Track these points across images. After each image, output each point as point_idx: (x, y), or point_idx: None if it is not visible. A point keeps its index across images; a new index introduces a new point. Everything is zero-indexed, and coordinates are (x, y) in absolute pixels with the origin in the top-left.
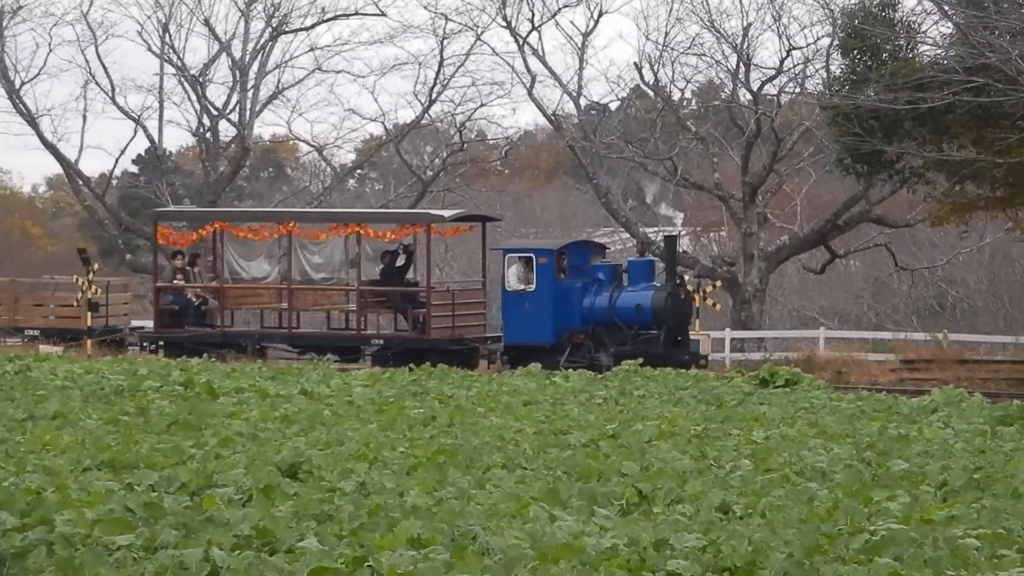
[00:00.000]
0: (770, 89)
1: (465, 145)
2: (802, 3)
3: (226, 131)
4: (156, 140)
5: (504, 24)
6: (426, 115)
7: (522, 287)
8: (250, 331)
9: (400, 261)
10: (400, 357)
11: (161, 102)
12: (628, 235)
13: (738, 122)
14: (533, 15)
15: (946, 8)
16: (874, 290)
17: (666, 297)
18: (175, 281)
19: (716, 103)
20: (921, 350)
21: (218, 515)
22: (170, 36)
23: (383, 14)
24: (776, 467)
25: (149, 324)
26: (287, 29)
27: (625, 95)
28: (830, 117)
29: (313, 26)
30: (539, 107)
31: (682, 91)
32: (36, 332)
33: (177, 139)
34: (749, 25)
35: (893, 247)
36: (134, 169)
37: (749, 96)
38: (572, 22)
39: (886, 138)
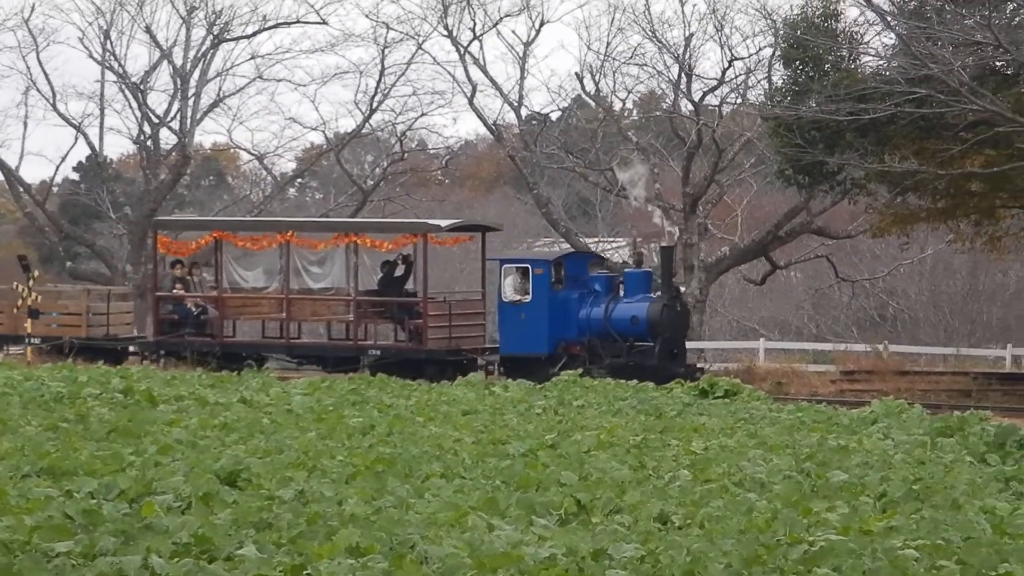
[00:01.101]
0: (712, 99)
1: (406, 154)
2: (744, 14)
3: (167, 139)
4: (97, 147)
5: (445, 33)
6: (367, 124)
7: (518, 298)
8: (248, 341)
9: (399, 271)
10: (397, 368)
11: (102, 109)
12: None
13: (679, 132)
14: (475, 24)
15: (889, 19)
16: (815, 301)
17: (662, 309)
18: (175, 290)
19: (657, 113)
20: (861, 361)
21: (157, 522)
22: (111, 43)
23: (324, 23)
24: (715, 477)
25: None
26: (228, 37)
27: (566, 105)
28: (771, 128)
29: (254, 34)
30: (480, 117)
31: (623, 101)
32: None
33: (118, 147)
34: (691, 35)
35: (834, 258)
36: (75, 176)
37: (690, 106)
38: (513, 31)
39: (827, 149)
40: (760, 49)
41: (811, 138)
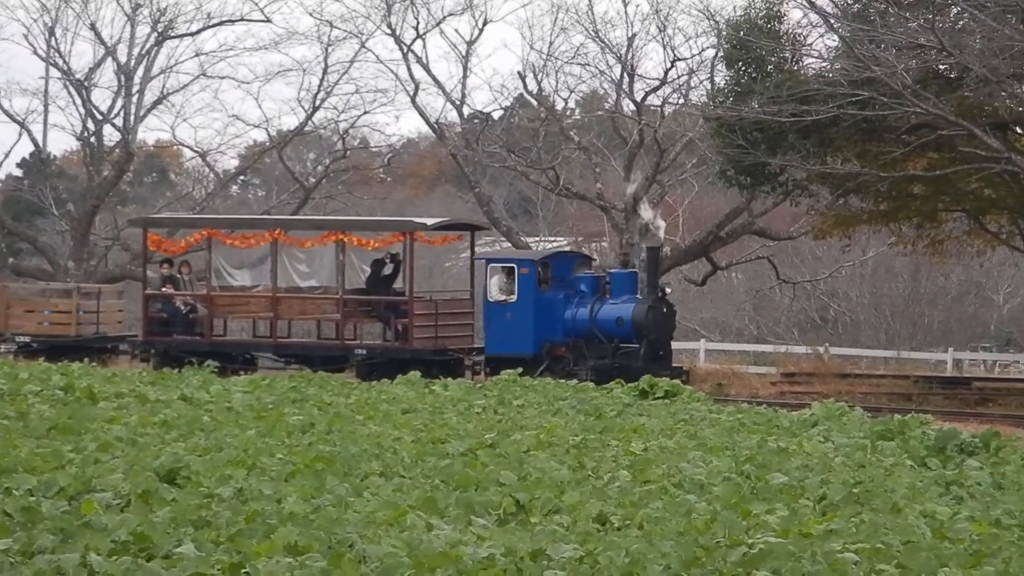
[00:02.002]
0: (654, 100)
1: (348, 152)
2: (687, 14)
3: (110, 135)
4: (40, 144)
5: (389, 32)
6: (309, 122)
7: (504, 298)
8: (237, 340)
9: (387, 270)
10: (384, 367)
11: (46, 106)
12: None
13: (621, 132)
14: (418, 23)
15: (832, 21)
16: (756, 303)
17: (647, 310)
18: (164, 289)
19: (599, 113)
20: (802, 363)
21: (96, 520)
22: (56, 40)
23: (268, 20)
24: (655, 479)
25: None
26: (172, 34)
27: (508, 104)
28: (714, 128)
29: (198, 32)
30: (422, 115)
31: (565, 101)
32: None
33: (62, 143)
34: (634, 36)
35: (775, 260)
36: (18, 172)
37: (632, 106)
38: (457, 31)
39: (770, 150)
40: (703, 50)
41: (753, 139)
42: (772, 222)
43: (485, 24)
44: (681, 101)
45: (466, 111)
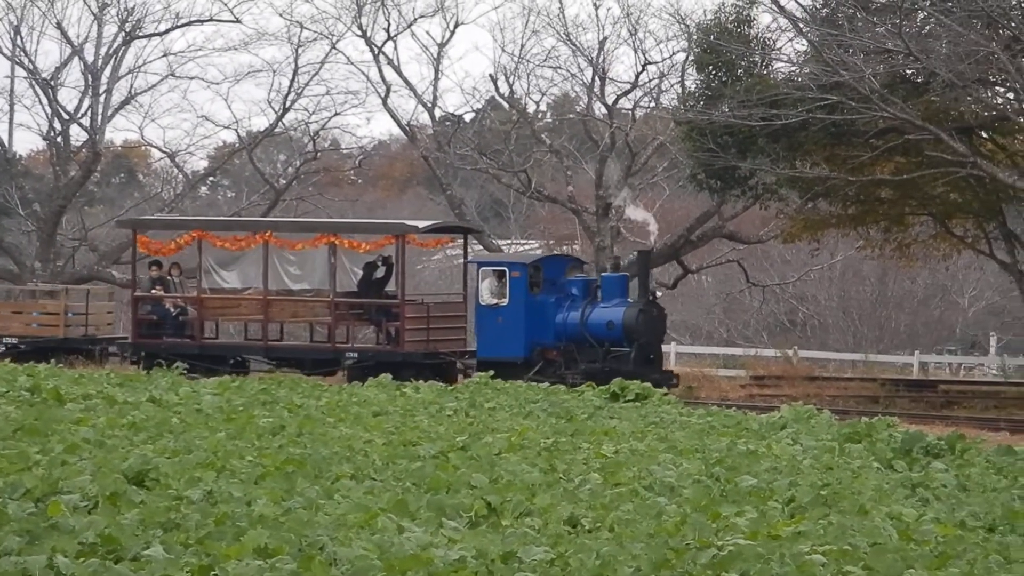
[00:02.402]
0: (625, 103)
1: (319, 154)
2: (658, 18)
3: (77, 135)
4: (6, 143)
5: (359, 33)
6: (280, 123)
7: (495, 301)
8: (227, 343)
9: (380, 273)
10: (375, 370)
11: (12, 105)
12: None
13: (592, 135)
14: (389, 25)
15: (801, 26)
16: (725, 306)
17: (637, 314)
18: (154, 291)
19: (571, 116)
20: (771, 366)
21: (63, 522)
22: (22, 39)
23: (238, 21)
24: (625, 481)
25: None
26: (140, 34)
27: (480, 107)
28: (684, 132)
29: (167, 31)
30: (393, 117)
31: (537, 103)
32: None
33: (27, 143)
34: (605, 39)
35: (745, 263)
36: None
37: (604, 110)
38: (428, 32)
39: (740, 154)
40: (673, 54)
41: (723, 143)
42: (742, 226)
43: (456, 26)
44: (652, 104)
45: (437, 113)
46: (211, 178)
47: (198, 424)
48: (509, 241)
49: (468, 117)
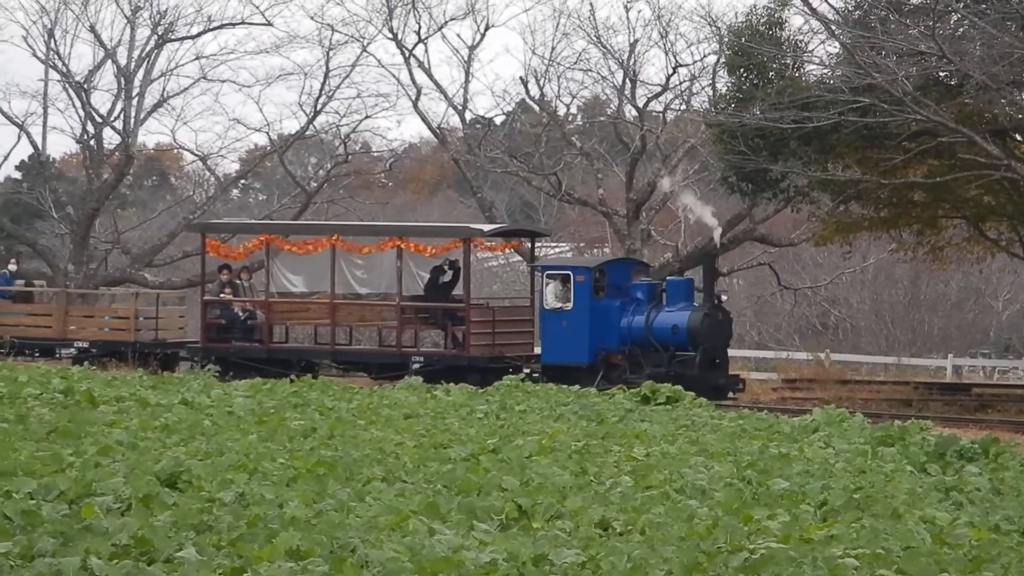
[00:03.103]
0: (656, 106)
1: (349, 157)
2: (689, 20)
3: (110, 138)
4: (40, 146)
5: (390, 36)
6: (311, 126)
7: (559, 305)
8: (294, 347)
9: (447, 277)
10: (442, 375)
11: (45, 108)
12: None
13: (623, 138)
14: (420, 28)
15: (833, 28)
16: (757, 308)
17: (703, 318)
18: (223, 295)
19: (601, 119)
20: (803, 369)
21: (96, 524)
22: (55, 42)
23: (269, 24)
24: (656, 484)
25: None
26: (173, 37)
27: (511, 109)
28: (715, 135)
29: (199, 35)
30: (424, 120)
31: (568, 106)
32: (85, 344)
33: (61, 146)
34: (636, 41)
35: (776, 266)
36: (17, 175)
37: (635, 112)
38: (459, 35)
39: (771, 157)
40: (704, 56)
41: (754, 145)
42: (773, 228)
43: (487, 29)
44: (683, 107)
45: (468, 116)
46: (242, 181)
47: (230, 426)
48: (539, 244)
49: (498, 120)
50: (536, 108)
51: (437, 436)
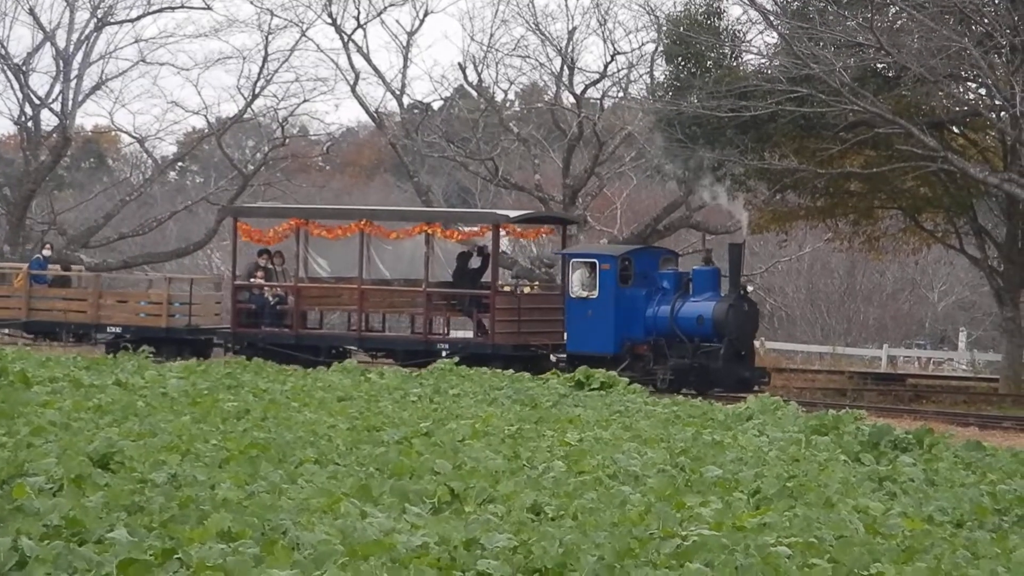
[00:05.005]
0: (593, 93)
1: (287, 140)
2: (627, 9)
3: (48, 120)
4: None
5: (329, 21)
6: (249, 109)
7: (585, 294)
8: (323, 332)
9: (476, 264)
10: (467, 362)
11: None
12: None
13: (560, 125)
14: (359, 13)
15: (771, 18)
16: None
17: (728, 309)
18: (252, 279)
19: (539, 105)
20: None
21: (28, 504)
22: None
23: (209, 8)
24: (589, 469)
25: None
26: (112, 20)
27: (448, 95)
28: (653, 122)
29: (139, 18)
30: (362, 104)
31: (505, 92)
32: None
33: None
34: (574, 29)
35: (713, 254)
36: None
37: (572, 99)
38: (398, 21)
39: (708, 145)
40: (643, 44)
41: (692, 134)
42: (709, 216)
43: (426, 15)
44: (621, 95)
45: (406, 101)
46: (180, 163)
47: (163, 407)
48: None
49: (436, 105)
50: (474, 94)
51: (370, 419)
